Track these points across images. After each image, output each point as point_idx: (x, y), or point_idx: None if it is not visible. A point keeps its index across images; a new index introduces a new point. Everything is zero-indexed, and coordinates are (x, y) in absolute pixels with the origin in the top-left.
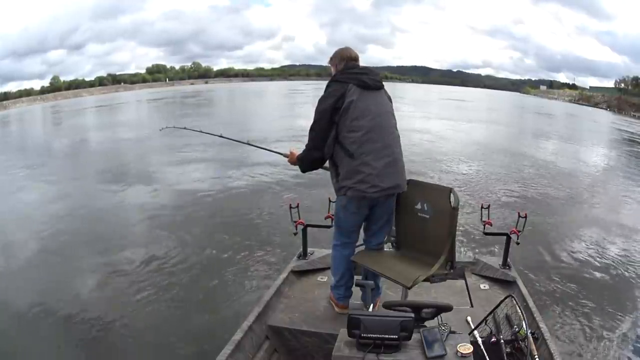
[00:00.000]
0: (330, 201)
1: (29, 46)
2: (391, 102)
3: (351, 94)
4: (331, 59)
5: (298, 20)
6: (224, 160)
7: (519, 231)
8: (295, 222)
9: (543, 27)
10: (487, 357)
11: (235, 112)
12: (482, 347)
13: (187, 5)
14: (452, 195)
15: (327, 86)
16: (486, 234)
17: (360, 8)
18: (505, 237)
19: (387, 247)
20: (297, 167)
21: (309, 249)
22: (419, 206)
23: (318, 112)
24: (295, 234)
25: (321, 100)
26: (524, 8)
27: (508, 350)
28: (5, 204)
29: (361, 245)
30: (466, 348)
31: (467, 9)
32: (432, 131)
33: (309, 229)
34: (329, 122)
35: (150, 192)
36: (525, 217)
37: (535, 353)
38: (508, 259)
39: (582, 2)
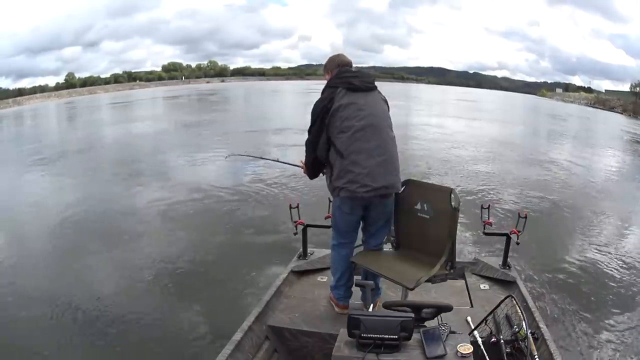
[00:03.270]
0: (330, 201)
1: (43, 43)
2: (387, 103)
3: (340, 97)
4: (325, 66)
5: (315, 20)
6: (224, 159)
7: (519, 231)
8: (295, 222)
9: (558, 29)
10: (487, 357)
11: (253, 109)
12: (482, 347)
13: (202, 4)
14: (452, 195)
15: (322, 92)
16: (486, 234)
17: (376, 8)
18: (505, 237)
19: (387, 248)
20: (295, 168)
21: (309, 249)
22: (418, 206)
23: (312, 116)
24: (295, 234)
25: (315, 105)
26: (539, 9)
27: (508, 350)
28: (20, 198)
29: (360, 245)
30: (466, 348)
31: (483, 10)
32: (439, 130)
33: (309, 229)
34: (320, 125)
35: (147, 192)
36: (526, 217)
37: (535, 353)
38: (508, 259)
39: (596, 4)
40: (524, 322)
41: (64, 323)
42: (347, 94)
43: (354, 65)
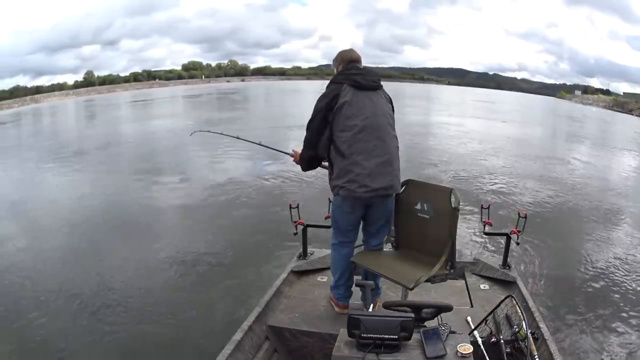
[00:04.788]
0: (330, 201)
1: (61, 41)
2: (391, 103)
3: (345, 94)
4: (334, 60)
5: (335, 20)
6: (224, 160)
7: (519, 231)
8: (295, 222)
9: (576, 31)
10: (487, 357)
11: (276, 107)
12: (482, 347)
13: (222, 3)
14: (452, 195)
15: (326, 87)
16: (486, 234)
17: (396, 9)
18: (505, 237)
19: (387, 247)
20: (295, 167)
21: (309, 249)
22: (418, 206)
23: (314, 111)
24: (295, 234)
25: (318, 100)
26: (557, 11)
27: (508, 350)
28: (40, 193)
29: (361, 245)
30: (466, 348)
31: (502, 11)
32: (448, 131)
33: (309, 229)
34: (323, 122)
35: (146, 192)
36: (526, 217)
37: (535, 353)
38: (508, 259)
39: (613, 5)
40: (524, 322)
41: (62, 306)
42: (352, 91)
43: (374, 65)
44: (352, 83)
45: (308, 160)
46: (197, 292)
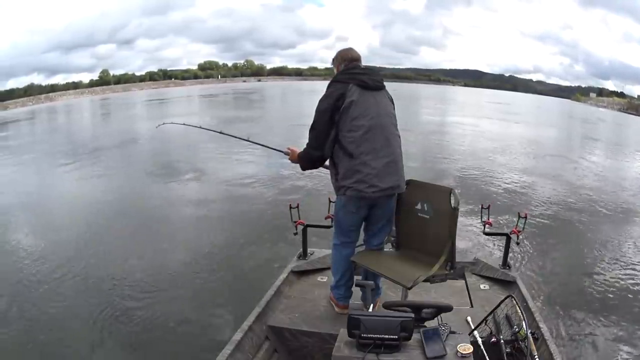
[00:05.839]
0: (330, 201)
1: (77, 40)
2: (393, 103)
3: (351, 94)
4: (334, 59)
5: (351, 21)
6: (223, 160)
7: (519, 231)
8: (295, 222)
9: (591, 33)
10: (487, 357)
11: (293, 107)
12: (482, 347)
13: (238, 3)
14: (452, 195)
15: (328, 86)
16: (486, 234)
17: (412, 10)
18: (505, 237)
19: (387, 247)
20: (296, 167)
21: (309, 249)
22: (419, 206)
23: (319, 111)
24: (295, 234)
25: (322, 100)
26: (572, 12)
27: (508, 350)
28: (54, 191)
29: (361, 245)
30: (466, 348)
31: (517, 12)
32: (462, 131)
33: (309, 229)
34: (329, 122)
35: (148, 191)
36: (526, 217)
37: (535, 353)
38: (508, 259)
39: (628, 7)
40: (524, 322)
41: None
42: (358, 91)
43: (390, 66)
44: (358, 83)
45: (314, 161)
46: (197, 292)
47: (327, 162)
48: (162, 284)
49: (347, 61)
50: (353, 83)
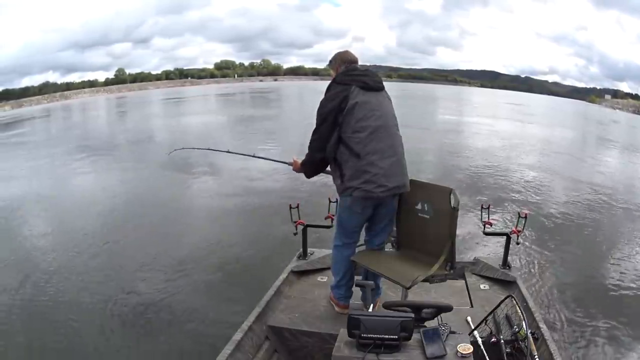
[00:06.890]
0: (330, 201)
1: (92, 38)
2: (391, 103)
3: (355, 95)
4: (331, 62)
5: (368, 21)
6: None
7: (519, 231)
8: (295, 222)
9: (606, 34)
10: (487, 357)
11: (312, 107)
12: (482, 347)
13: (254, 2)
14: (452, 195)
15: (328, 89)
16: (486, 234)
17: (429, 10)
18: (505, 237)
19: (387, 247)
20: (298, 173)
21: (309, 249)
22: (419, 206)
23: (322, 114)
24: (295, 234)
25: (324, 103)
26: (587, 14)
27: (508, 350)
28: (68, 187)
29: (362, 245)
30: (466, 348)
31: (533, 13)
32: (475, 131)
33: (309, 229)
34: (333, 124)
35: (148, 191)
36: (526, 217)
37: (535, 353)
38: (508, 259)
39: None
40: (524, 322)
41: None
42: (361, 92)
43: (407, 67)
44: (360, 84)
45: (317, 164)
46: (197, 292)
47: (328, 168)
48: (162, 284)
49: (346, 63)
50: (355, 85)
